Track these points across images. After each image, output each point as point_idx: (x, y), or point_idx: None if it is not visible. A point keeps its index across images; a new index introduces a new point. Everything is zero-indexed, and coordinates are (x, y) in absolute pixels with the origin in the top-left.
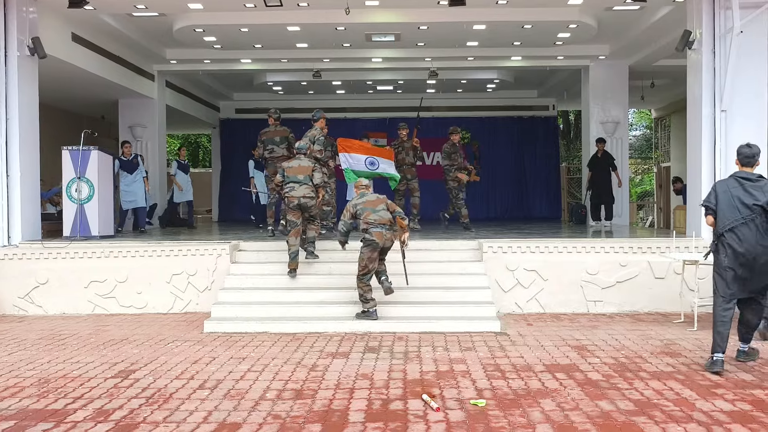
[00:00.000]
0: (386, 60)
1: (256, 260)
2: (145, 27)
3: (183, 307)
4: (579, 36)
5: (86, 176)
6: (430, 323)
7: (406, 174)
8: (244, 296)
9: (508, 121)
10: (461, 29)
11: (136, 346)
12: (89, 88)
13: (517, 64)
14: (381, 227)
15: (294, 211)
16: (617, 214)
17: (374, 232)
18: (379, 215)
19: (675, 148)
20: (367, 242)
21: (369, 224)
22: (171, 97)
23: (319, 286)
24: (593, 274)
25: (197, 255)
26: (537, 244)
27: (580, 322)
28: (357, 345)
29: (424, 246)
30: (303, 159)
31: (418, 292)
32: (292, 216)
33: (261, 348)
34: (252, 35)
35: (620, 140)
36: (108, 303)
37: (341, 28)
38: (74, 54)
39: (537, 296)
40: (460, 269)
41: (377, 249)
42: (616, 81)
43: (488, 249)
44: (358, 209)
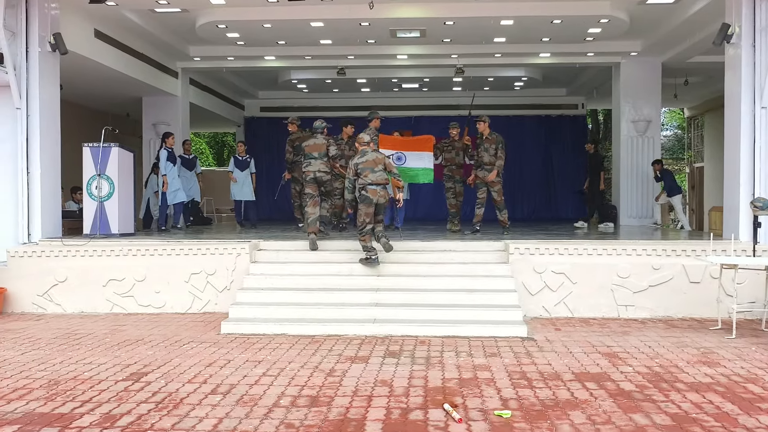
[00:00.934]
0: (411, 57)
1: (276, 260)
2: (167, 23)
3: (201, 307)
4: (610, 31)
5: (106, 173)
6: (454, 327)
7: (454, 175)
8: (262, 297)
9: (535, 120)
10: (488, 24)
11: (151, 347)
12: (113, 86)
13: (546, 61)
14: (377, 186)
15: (311, 185)
16: (648, 215)
17: (369, 189)
18: (377, 176)
19: (709, 148)
20: (363, 198)
21: (366, 183)
22: (195, 94)
23: (339, 287)
24: (624, 278)
25: (216, 254)
26: (566, 246)
27: (611, 327)
28: (377, 349)
29: (447, 246)
30: (318, 137)
31: (441, 295)
32: (309, 189)
33: (278, 351)
34: (275, 31)
35: (652, 139)
36: (126, 302)
37: (365, 23)
38: (97, 51)
39: (565, 300)
40: (486, 271)
41: (372, 205)
42: (649, 78)
43: (515, 250)
44: (359, 168)
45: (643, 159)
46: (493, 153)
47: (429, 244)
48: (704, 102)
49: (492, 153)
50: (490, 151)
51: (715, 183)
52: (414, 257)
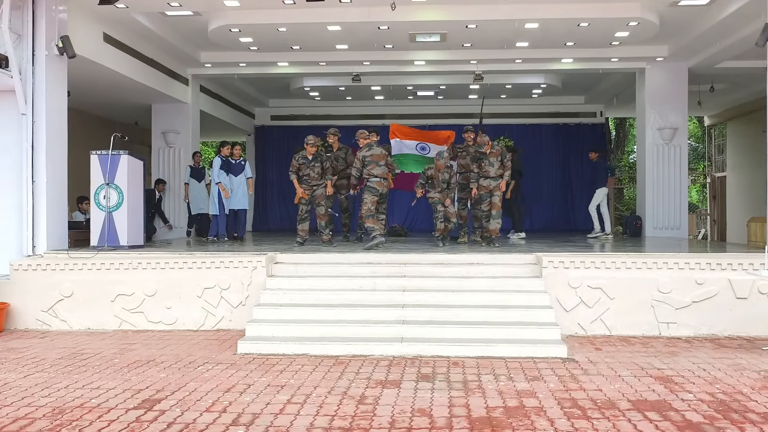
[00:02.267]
0: (429, 63)
1: (294, 273)
2: (179, 28)
3: (215, 323)
4: (638, 35)
5: (115, 182)
6: (487, 347)
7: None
8: (281, 313)
9: (552, 128)
10: (512, 28)
11: (163, 369)
12: (122, 92)
13: (568, 67)
14: (380, 178)
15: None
16: (675, 226)
17: (375, 182)
18: (382, 170)
19: (732, 157)
20: (369, 188)
21: (371, 176)
22: (205, 102)
23: (363, 303)
24: (666, 293)
25: (231, 267)
26: (602, 259)
27: (655, 346)
28: (408, 371)
29: (474, 259)
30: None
31: (471, 312)
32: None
33: (301, 373)
34: (290, 35)
35: (679, 147)
36: (135, 318)
37: (384, 27)
38: (106, 55)
39: (602, 317)
40: (517, 286)
41: (377, 195)
42: (675, 84)
43: (548, 264)
44: (366, 160)
45: (669, 168)
46: (499, 165)
47: (455, 256)
48: (727, 110)
49: (497, 166)
50: (495, 164)
51: (740, 193)
52: (440, 270)
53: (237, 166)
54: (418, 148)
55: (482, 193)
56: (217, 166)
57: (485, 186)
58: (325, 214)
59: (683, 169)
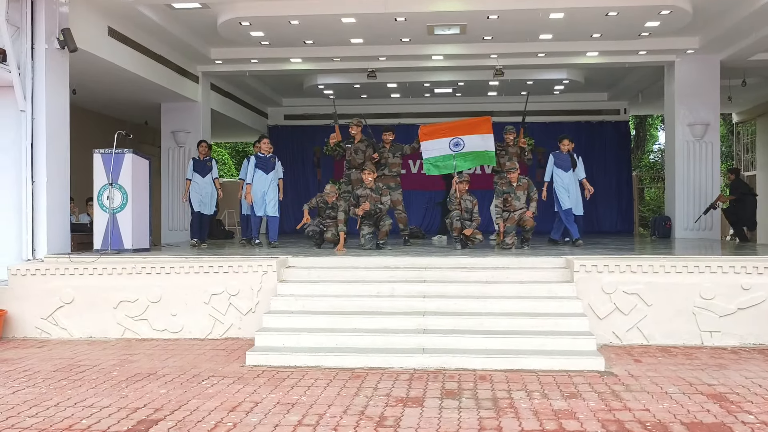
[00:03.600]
0: (447, 57)
1: (307, 279)
2: (187, 22)
3: (223, 332)
4: (669, 25)
5: (119, 182)
6: (517, 359)
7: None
8: (292, 322)
9: (574, 126)
10: (536, 18)
11: (165, 383)
12: (129, 90)
13: (593, 61)
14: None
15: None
16: (707, 227)
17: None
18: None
19: (763, 155)
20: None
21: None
22: (216, 101)
23: (380, 310)
24: (708, 299)
25: (240, 272)
26: (639, 262)
27: (700, 358)
28: (431, 387)
29: (500, 263)
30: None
31: (498, 320)
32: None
33: (314, 389)
34: (302, 29)
35: (710, 144)
36: (139, 326)
37: (401, 18)
38: (111, 50)
39: (639, 325)
40: (547, 291)
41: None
42: (706, 78)
43: (580, 268)
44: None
45: (700, 166)
46: (526, 199)
47: (478, 260)
48: (756, 106)
49: (523, 200)
50: (522, 198)
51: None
52: (462, 275)
53: (267, 163)
54: (451, 146)
55: (508, 225)
56: (253, 165)
57: (511, 219)
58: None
59: (715, 167)
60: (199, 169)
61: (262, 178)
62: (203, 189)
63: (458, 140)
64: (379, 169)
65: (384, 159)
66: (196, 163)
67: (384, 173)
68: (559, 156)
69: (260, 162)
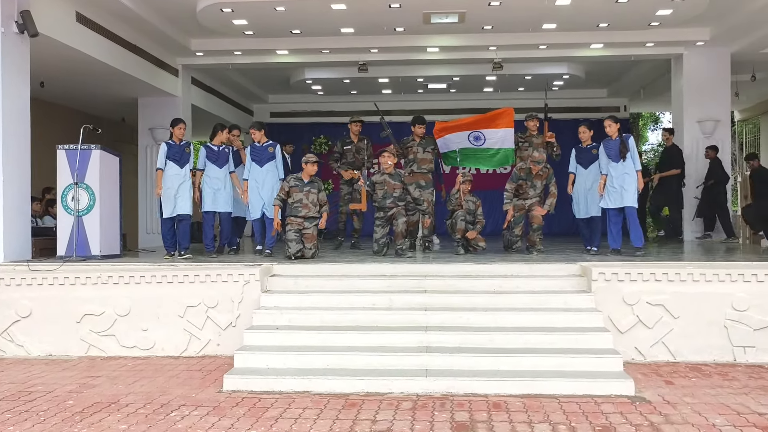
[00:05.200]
0: (443, 50)
1: (294, 289)
2: (163, 8)
3: (200, 348)
4: (682, 13)
5: (85, 182)
6: (534, 382)
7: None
8: (277, 339)
9: (572, 124)
10: (541, 6)
11: (126, 416)
12: (102, 83)
13: (597, 54)
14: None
15: None
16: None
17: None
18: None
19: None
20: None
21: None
22: (198, 96)
23: (377, 324)
24: (742, 311)
25: (219, 282)
26: (664, 270)
27: (738, 379)
28: (439, 418)
29: (509, 271)
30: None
31: (510, 336)
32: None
33: (302, 422)
34: (289, 17)
35: (721, 142)
36: (105, 342)
37: (396, 5)
38: (80, 38)
39: (665, 339)
40: (563, 303)
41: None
42: (716, 71)
43: (599, 276)
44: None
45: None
46: (542, 190)
47: (484, 267)
48: (760, 103)
49: (540, 190)
50: (538, 188)
51: None
52: (467, 285)
53: (264, 153)
54: (471, 138)
55: (517, 215)
56: (249, 156)
57: (520, 206)
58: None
59: (727, 167)
60: (213, 159)
61: (257, 172)
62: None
63: (478, 134)
64: (407, 166)
65: (413, 154)
66: (210, 152)
67: (413, 170)
68: (608, 143)
69: (255, 152)
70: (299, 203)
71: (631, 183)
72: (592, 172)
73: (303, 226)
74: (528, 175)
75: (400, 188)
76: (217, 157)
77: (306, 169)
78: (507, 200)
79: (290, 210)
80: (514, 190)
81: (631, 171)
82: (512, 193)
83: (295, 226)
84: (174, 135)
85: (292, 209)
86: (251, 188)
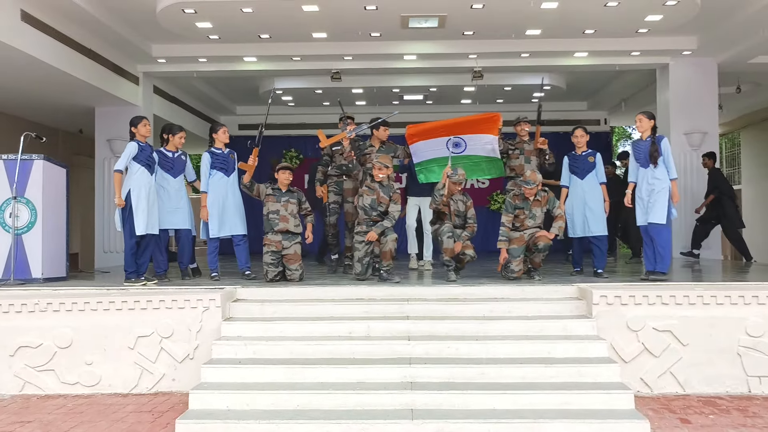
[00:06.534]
0: (421, 57)
1: (260, 316)
2: (121, 9)
3: (152, 384)
4: (671, 19)
5: (26, 196)
6: (536, 424)
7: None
8: (240, 375)
9: (552, 137)
10: (526, 9)
11: None
12: (54, 90)
13: (581, 63)
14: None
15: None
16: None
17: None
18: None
19: (749, 168)
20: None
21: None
22: (161, 106)
23: (354, 357)
24: (757, 337)
25: (174, 308)
26: (671, 293)
27: (761, 415)
28: None
29: (499, 294)
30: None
31: (504, 369)
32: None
33: None
34: (257, 19)
35: None
36: (43, 379)
37: (372, 7)
38: (25, 39)
39: (673, 369)
40: (561, 329)
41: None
42: (703, 82)
43: (600, 299)
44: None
45: (700, 178)
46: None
47: (472, 290)
48: (742, 116)
49: (540, 220)
50: (538, 217)
51: (756, 207)
52: (454, 310)
53: (226, 161)
54: (449, 146)
55: (515, 247)
56: (206, 163)
57: (519, 238)
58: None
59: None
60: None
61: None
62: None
63: (458, 140)
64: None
65: (371, 162)
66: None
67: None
68: (637, 145)
69: (217, 160)
70: (276, 215)
71: (660, 195)
72: (589, 182)
73: (282, 246)
74: (524, 202)
75: (387, 203)
76: (173, 164)
77: (279, 178)
78: (502, 237)
79: (265, 224)
80: (511, 222)
81: (663, 180)
82: (509, 227)
83: (272, 246)
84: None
85: (267, 223)
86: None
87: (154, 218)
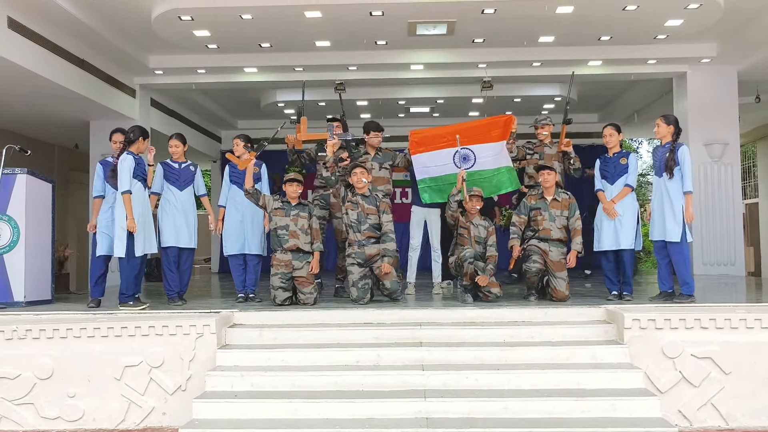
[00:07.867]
0: (428, 67)
1: (259, 343)
2: (115, 18)
3: (141, 419)
4: (692, 24)
5: (7, 213)
6: None
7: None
8: (236, 410)
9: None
10: (540, 14)
11: None
12: (46, 103)
13: (595, 72)
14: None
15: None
16: (729, 261)
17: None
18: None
19: (767, 181)
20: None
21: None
22: (159, 120)
23: (362, 389)
24: None
25: (165, 335)
26: (711, 315)
27: None
28: None
29: (520, 317)
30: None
31: (530, 403)
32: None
33: None
34: (258, 27)
35: (730, 166)
36: (21, 413)
37: (378, 12)
38: (12, 47)
39: (714, 400)
40: (590, 357)
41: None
42: (723, 91)
43: (632, 323)
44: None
45: (721, 191)
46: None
47: (490, 313)
48: (758, 127)
49: (561, 225)
50: (558, 221)
51: None
52: (471, 335)
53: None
54: (456, 160)
55: (529, 246)
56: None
57: (538, 248)
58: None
59: (736, 193)
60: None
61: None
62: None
63: (467, 152)
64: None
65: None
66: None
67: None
68: (656, 151)
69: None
70: (285, 230)
71: (673, 209)
72: (619, 188)
73: (292, 267)
74: (541, 201)
75: (375, 214)
76: (179, 175)
77: (287, 191)
78: (513, 235)
79: (273, 242)
80: (523, 225)
81: (676, 193)
82: (520, 228)
83: (282, 269)
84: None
85: (275, 240)
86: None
87: (151, 237)
